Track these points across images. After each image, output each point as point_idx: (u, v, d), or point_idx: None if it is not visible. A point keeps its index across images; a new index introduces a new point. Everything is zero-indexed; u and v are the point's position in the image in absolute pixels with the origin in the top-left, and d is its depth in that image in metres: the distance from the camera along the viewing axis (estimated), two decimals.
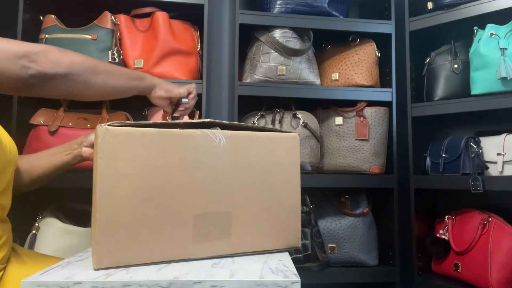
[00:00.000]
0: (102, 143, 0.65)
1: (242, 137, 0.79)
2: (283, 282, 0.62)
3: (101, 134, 0.65)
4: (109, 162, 0.65)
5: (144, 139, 0.68)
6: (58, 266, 0.66)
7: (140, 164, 0.68)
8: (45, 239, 1.26)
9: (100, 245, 0.64)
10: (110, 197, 0.65)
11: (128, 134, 0.67)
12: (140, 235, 0.67)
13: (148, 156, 0.68)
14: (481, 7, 1.44)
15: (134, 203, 0.67)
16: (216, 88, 1.80)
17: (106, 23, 1.41)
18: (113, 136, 0.66)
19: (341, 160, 1.61)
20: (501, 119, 1.60)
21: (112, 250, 0.65)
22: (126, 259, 0.66)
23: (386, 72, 1.64)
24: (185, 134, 0.73)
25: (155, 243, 0.69)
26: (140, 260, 0.67)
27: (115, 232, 0.65)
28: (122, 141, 0.67)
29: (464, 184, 1.41)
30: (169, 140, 0.71)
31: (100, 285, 0.58)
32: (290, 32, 1.57)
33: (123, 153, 0.67)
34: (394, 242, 1.55)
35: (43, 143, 1.35)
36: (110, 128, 0.66)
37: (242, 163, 0.78)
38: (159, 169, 0.69)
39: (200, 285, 0.60)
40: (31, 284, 0.57)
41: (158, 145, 0.70)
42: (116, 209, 0.66)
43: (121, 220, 0.66)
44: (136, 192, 0.67)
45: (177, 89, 1.12)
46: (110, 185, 0.65)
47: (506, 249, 1.32)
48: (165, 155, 0.70)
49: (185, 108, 1.16)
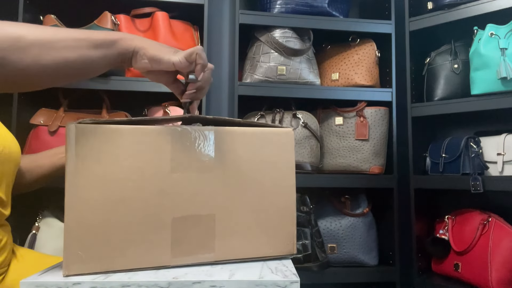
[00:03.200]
0: (71, 141, 0.60)
1: (227, 132, 0.71)
2: (282, 282, 0.61)
3: (70, 131, 0.60)
4: (79, 161, 0.60)
5: (117, 137, 0.63)
6: (57, 267, 0.66)
7: (113, 164, 0.62)
8: (45, 239, 1.26)
9: (69, 251, 0.60)
10: (79, 199, 0.60)
11: (99, 131, 0.62)
12: (113, 240, 0.62)
13: (121, 155, 0.63)
14: (481, 7, 1.44)
15: (106, 205, 0.62)
16: (216, 88, 1.80)
17: (106, 23, 1.41)
18: (83, 133, 0.60)
19: (341, 160, 1.61)
20: (501, 119, 1.60)
21: (82, 256, 0.60)
22: (97, 265, 0.61)
23: (386, 72, 1.64)
24: (163, 131, 0.66)
25: (129, 249, 0.63)
26: (112, 267, 0.62)
27: (85, 237, 0.60)
28: (93, 139, 0.61)
29: (464, 184, 1.41)
30: (145, 138, 0.65)
31: (99, 285, 0.58)
32: (290, 32, 1.57)
33: (94, 152, 0.61)
34: (394, 242, 1.55)
35: (43, 143, 1.35)
36: (79, 125, 0.60)
37: (227, 161, 0.71)
38: (134, 169, 0.64)
39: (199, 285, 0.60)
40: (30, 285, 0.57)
41: (133, 143, 0.64)
42: (87, 212, 0.60)
43: (92, 224, 0.61)
44: (108, 194, 0.62)
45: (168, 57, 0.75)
46: (80, 186, 0.60)
47: (506, 249, 1.32)
48: (140, 153, 0.64)
49: (196, 89, 0.80)
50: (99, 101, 1.46)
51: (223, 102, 1.81)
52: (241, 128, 0.74)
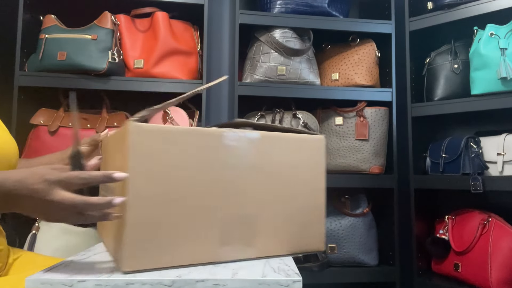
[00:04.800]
0: (133, 140, 0.62)
1: (268, 137, 0.77)
2: (285, 281, 0.62)
3: (133, 130, 0.62)
4: (140, 160, 0.62)
5: (173, 137, 0.66)
6: (61, 264, 0.65)
7: (169, 163, 0.65)
8: (45, 239, 1.26)
9: (130, 248, 0.61)
10: (140, 197, 0.62)
11: (158, 131, 0.64)
12: (169, 237, 0.65)
13: (176, 155, 0.66)
14: (481, 7, 1.44)
15: (163, 203, 0.64)
16: (216, 88, 1.80)
17: (106, 23, 1.41)
18: (145, 133, 0.63)
19: (341, 160, 1.61)
20: (501, 119, 1.60)
21: (141, 253, 0.62)
22: (154, 261, 0.63)
23: (386, 72, 1.65)
24: (213, 133, 0.70)
25: (183, 246, 0.66)
26: (167, 263, 0.65)
27: (145, 234, 0.63)
28: (153, 139, 0.63)
29: (464, 184, 1.41)
30: (197, 139, 0.68)
31: (104, 283, 0.58)
32: (290, 32, 1.57)
33: (154, 152, 0.63)
34: (394, 242, 1.55)
35: (43, 143, 1.35)
36: (142, 124, 0.62)
37: (268, 164, 0.76)
38: (187, 169, 0.67)
39: (203, 283, 0.60)
40: (35, 282, 0.57)
41: (189, 145, 0.67)
42: (146, 210, 0.63)
43: (151, 222, 0.63)
44: (165, 192, 0.64)
45: None
46: (141, 184, 0.62)
47: (506, 249, 1.32)
48: (193, 154, 0.67)
49: None
50: (99, 101, 1.46)
51: (223, 102, 1.81)
52: (280, 133, 0.80)
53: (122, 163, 0.65)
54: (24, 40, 1.37)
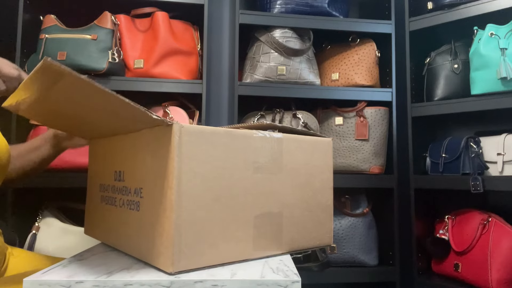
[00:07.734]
0: (178, 141, 0.63)
1: (291, 139, 0.82)
2: (283, 282, 0.62)
3: (177, 131, 0.63)
4: (185, 160, 0.64)
5: (214, 138, 0.68)
6: (59, 265, 0.65)
7: (210, 164, 0.67)
8: (45, 239, 1.26)
9: (177, 248, 0.62)
10: (185, 196, 0.63)
11: (201, 132, 0.66)
12: (211, 236, 0.67)
13: (217, 156, 0.68)
14: (481, 7, 1.44)
15: (206, 203, 0.66)
16: (216, 88, 1.80)
17: (106, 23, 1.41)
18: (188, 134, 0.64)
19: (341, 160, 1.61)
20: (501, 119, 1.60)
21: (186, 252, 0.63)
22: (197, 261, 0.65)
23: (386, 72, 1.64)
24: (247, 134, 0.74)
25: (222, 244, 0.69)
26: (209, 262, 0.67)
27: (190, 234, 0.64)
28: (195, 139, 0.65)
29: (464, 184, 1.41)
30: (235, 140, 0.71)
31: (102, 284, 0.58)
32: (290, 32, 1.57)
33: (196, 152, 0.65)
34: (394, 242, 1.55)
35: None
36: (185, 125, 0.64)
37: (292, 164, 0.81)
38: (226, 169, 0.70)
39: (201, 284, 0.60)
40: (33, 283, 0.57)
41: (226, 145, 0.70)
42: (190, 209, 0.64)
43: (194, 221, 0.65)
44: (207, 192, 0.67)
45: None
46: (186, 184, 0.64)
47: (506, 249, 1.32)
48: (231, 155, 0.71)
49: None
50: None
51: (223, 102, 1.81)
52: (300, 136, 0.85)
53: (159, 164, 0.65)
54: (24, 40, 1.37)
